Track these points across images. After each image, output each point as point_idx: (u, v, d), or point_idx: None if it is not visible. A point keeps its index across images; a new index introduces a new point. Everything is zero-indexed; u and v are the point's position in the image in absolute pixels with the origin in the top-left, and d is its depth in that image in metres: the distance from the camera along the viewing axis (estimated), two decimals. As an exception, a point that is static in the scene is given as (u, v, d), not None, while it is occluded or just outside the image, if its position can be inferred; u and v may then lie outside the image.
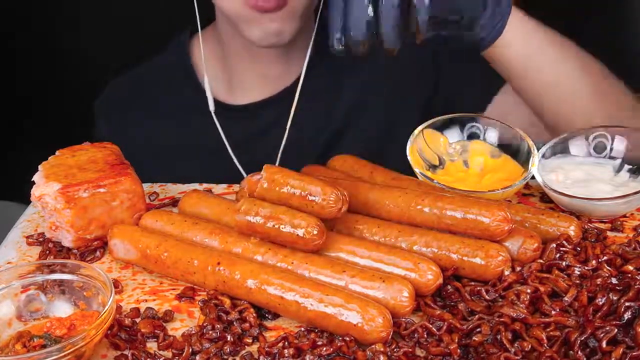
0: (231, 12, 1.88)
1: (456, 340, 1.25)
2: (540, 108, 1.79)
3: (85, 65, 2.45)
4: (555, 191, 1.57)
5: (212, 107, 2.08)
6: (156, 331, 1.31)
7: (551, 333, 1.22)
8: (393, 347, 1.23)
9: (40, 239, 1.60)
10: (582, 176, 1.63)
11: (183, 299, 1.41)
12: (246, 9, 1.82)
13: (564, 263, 1.36)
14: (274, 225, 1.38)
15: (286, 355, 1.24)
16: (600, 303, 1.23)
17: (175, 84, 2.18)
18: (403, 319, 1.29)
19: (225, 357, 1.27)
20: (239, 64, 2.09)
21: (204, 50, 2.11)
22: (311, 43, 2.04)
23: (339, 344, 1.24)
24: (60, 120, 2.42)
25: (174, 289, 1.44)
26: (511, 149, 1.68)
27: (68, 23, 2.43)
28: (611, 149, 1.66)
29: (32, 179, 1.56)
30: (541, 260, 1.38)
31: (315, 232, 1.36)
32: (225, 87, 2.14)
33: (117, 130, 2.18)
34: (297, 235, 1.36)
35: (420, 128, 1.69)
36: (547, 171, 1.64)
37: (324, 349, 1.24)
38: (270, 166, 1.44)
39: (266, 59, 2.06)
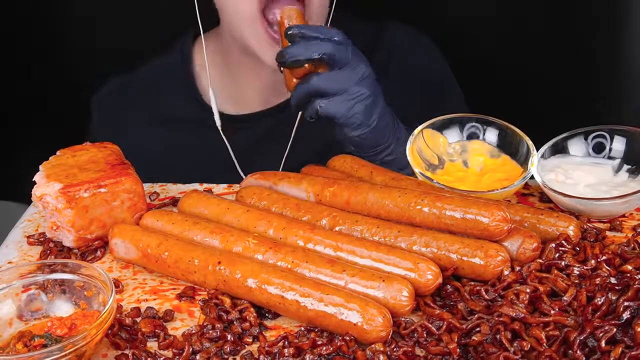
0: (249, 40, 1.88)
1: (455, 339, 1.25)
2: None
3: (85, 65, 2.45)
4: (554, 191, 1.58)
5: (218, 122, 2.06)
6: (157, 331, 1.32)
7: (550, 332, 1.22)
8: (393, 346, 1.23)
9: (41, 239, 1.60)
10: (581, 176, 1.63)
11: (183, 298, 1.42)
12: (265, 38, 1.83)
13: (563, 263, 1.37)
14: None
15: (286, 354, 1.24)
16: (599, 303, 1.23)
17: (175, 88, 2.14)
18: (403, 319, 1.29)
19: (226, 356, 1.27)
20: (242, 74, 2.07)
21: (207, 57, 2.08)
22: None
23: (338, 344, 1.24)
24: (61, 120, 2.42)
25: (174, 289, 1.45)
26: (510, 149, 1.69)
27: (69, 22, 2.43)
28: (610, 149, 1.67)
29: (33, 179, 1.56)
30: (540, 260, 1.38)
31: None
32: (226, 94, 2.11)
33: (108, 127, 2.15)
34: None
35: (420, 128, 1.70)
36: (546, 171, 1.64)
37: (324, 348, 1.24)
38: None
39: (271, 70, 1.99)
